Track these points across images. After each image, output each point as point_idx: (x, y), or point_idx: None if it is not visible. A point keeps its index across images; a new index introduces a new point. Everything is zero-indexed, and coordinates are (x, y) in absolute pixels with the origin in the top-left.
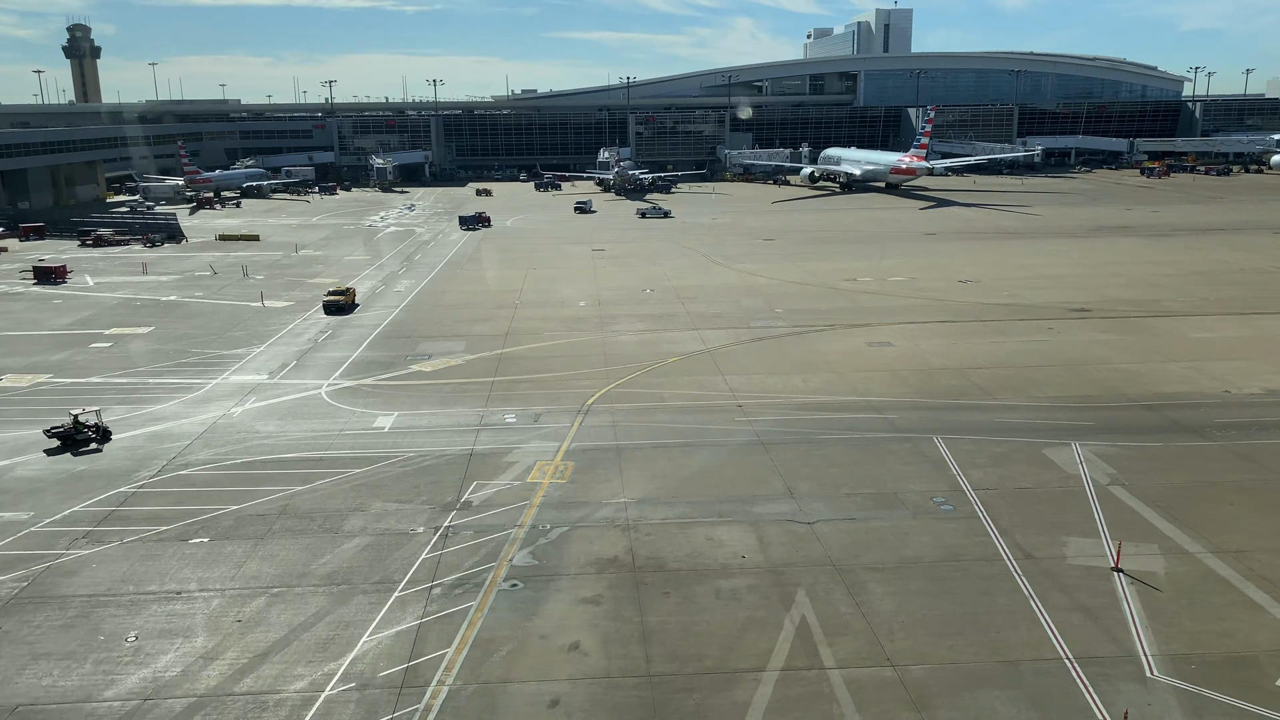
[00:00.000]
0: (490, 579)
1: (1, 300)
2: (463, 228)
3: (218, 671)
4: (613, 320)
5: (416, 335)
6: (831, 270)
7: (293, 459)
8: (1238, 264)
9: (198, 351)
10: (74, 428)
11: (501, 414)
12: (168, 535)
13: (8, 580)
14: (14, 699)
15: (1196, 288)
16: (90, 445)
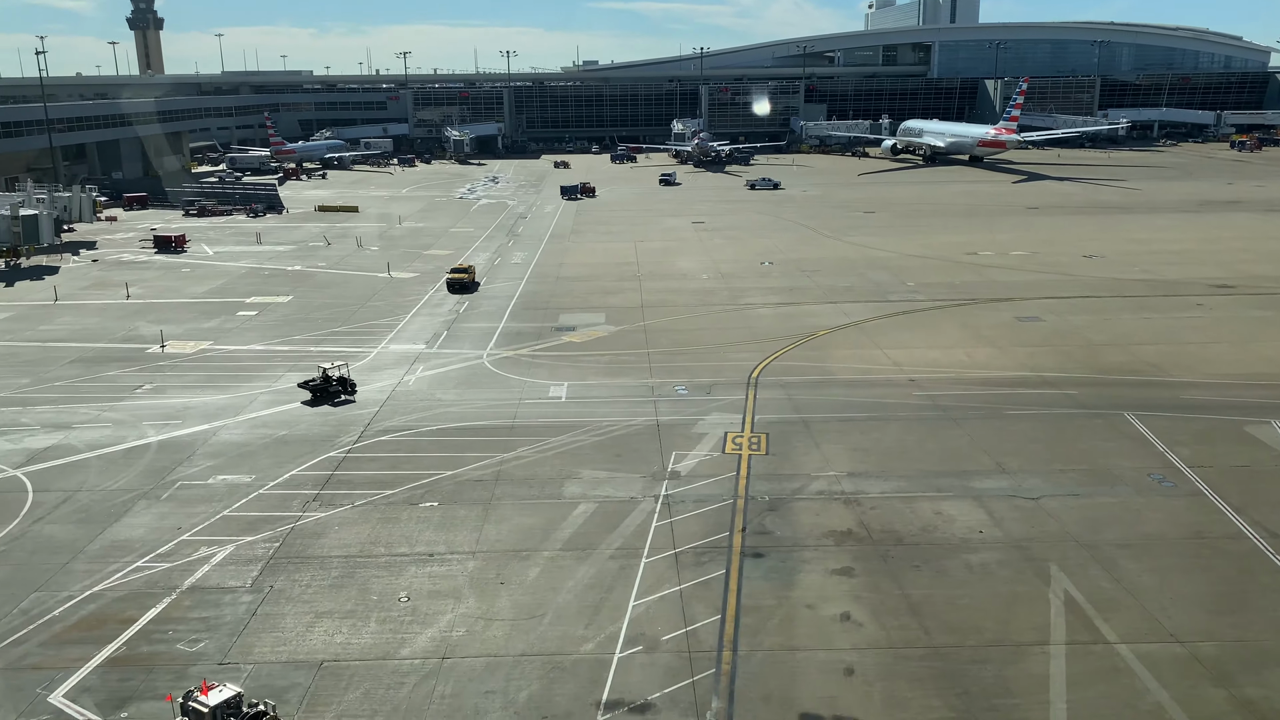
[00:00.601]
0: (731, 548)
1: (133, 269)
2: (564, 197)
3: (501, 633)
4: (743, 293)
5: (552, 307)
6: (947, 244)
7: (486, 426)
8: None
9: (345, 320)
10: (323, 381)
11: (670, 385)
12: (396, 499)
13: (260, 540)
14: (315, 655)
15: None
16: (342, 397)
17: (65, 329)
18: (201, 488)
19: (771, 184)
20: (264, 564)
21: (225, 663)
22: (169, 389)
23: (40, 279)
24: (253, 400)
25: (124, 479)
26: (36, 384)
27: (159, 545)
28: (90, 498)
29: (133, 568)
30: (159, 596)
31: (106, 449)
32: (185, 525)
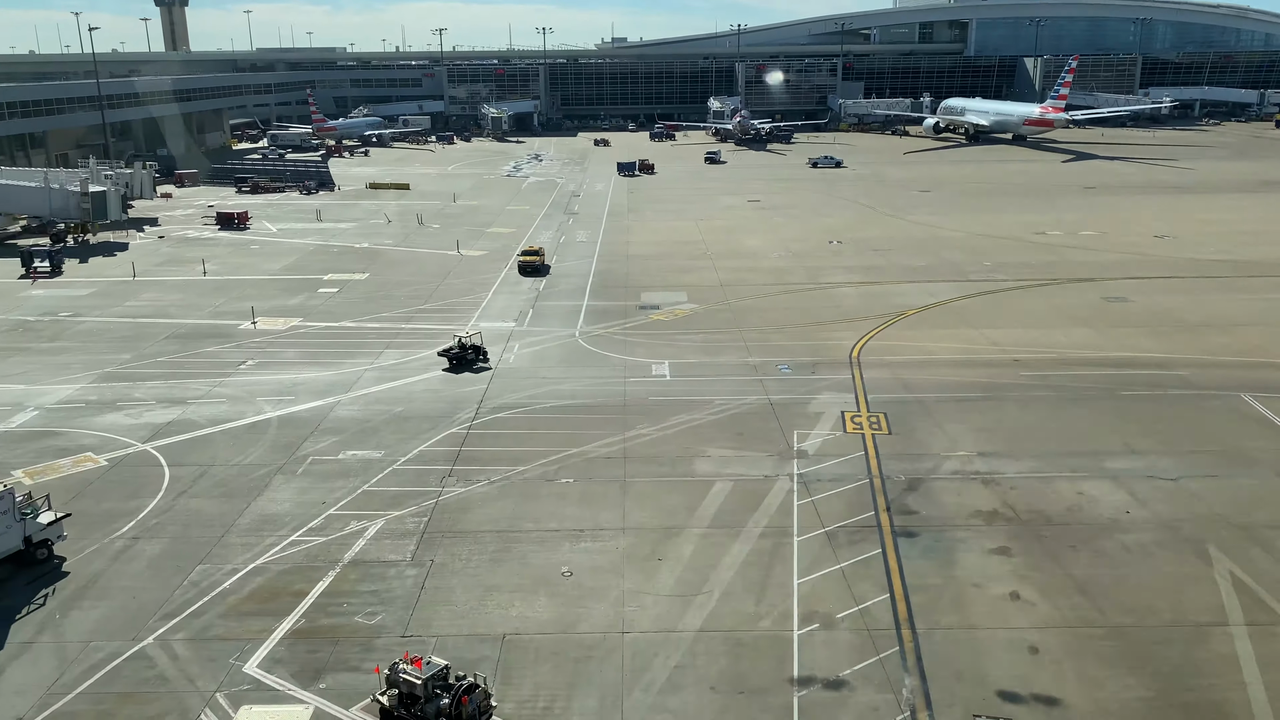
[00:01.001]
0: (881, 527)
1: (201, 245)
2: (620, 174)
3: (672, 609)
4: (819, 272)
5: (630, 285)
6: (1012, 223)
7: (598, 404)
8: None
9: (427, 298)
10: (460, 349)
11: (771, 364)
12: (530, 476)
13: (407, 515)
14: (495, 628)
15: None
16: (477, 364)
17: (150, 305)
18: (334, 463)
19: (834, 162)
20: (418, 538)
21: (408, 635)
22: (271, 365)
23: (113, 255)
24: (359, 377)
25: (254, 454)
26: (139, 359)
27: (308, 519)
28: (226, 472)
29: (288, 541)
30: (323, 570)
31: (228, 424)
32: (329, 500)
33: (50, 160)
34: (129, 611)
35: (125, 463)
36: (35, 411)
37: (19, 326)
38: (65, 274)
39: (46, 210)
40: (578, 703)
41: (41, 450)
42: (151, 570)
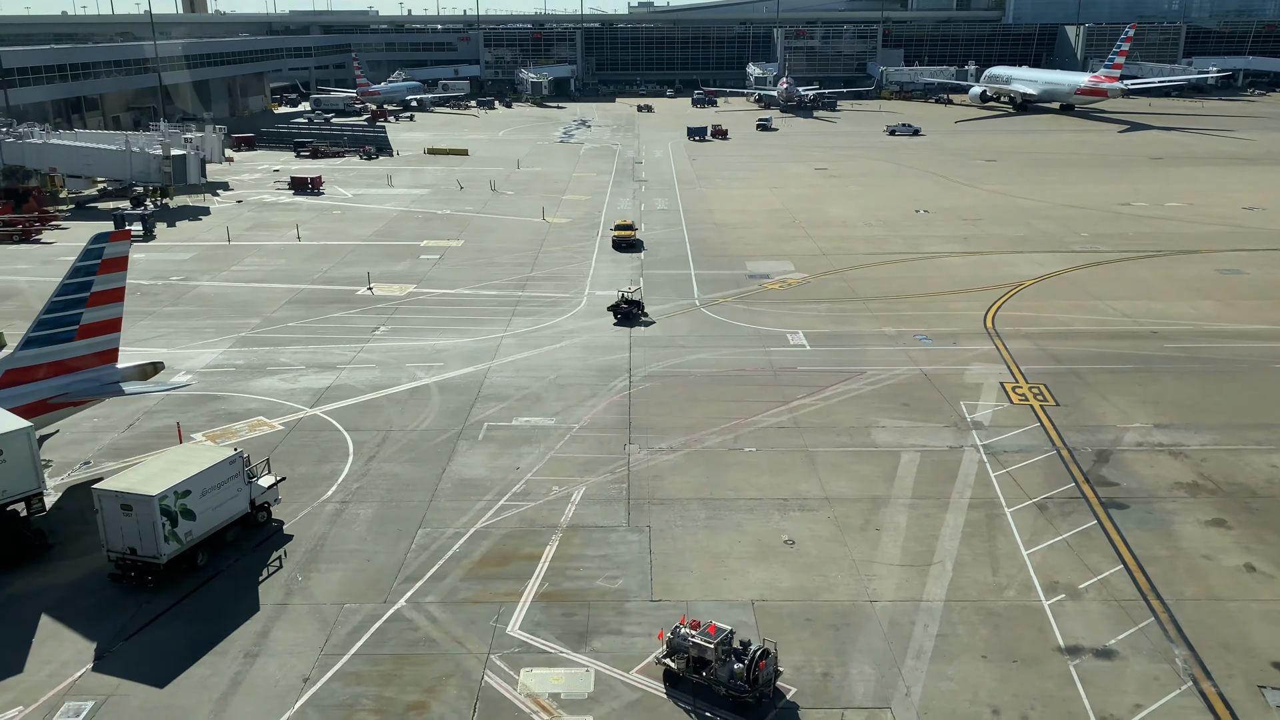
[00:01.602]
0: (1087, 499)
1: (282, 210)
2: (690, 138)
3: (911, 578)
4: (918, 241)
5: (731, 255)
6: (1091, 194)
7: (749, 373)
8: None
9: (530, 265)
10: (625, 304)
11: (907, 334)
12: (710, 445)
13: (604, 482)
14: (741, 595)
15: None
16: (639, 320)
17: (257, 270)
18: (511, 429)
19: (911, 130)
20: (625, 505)
21: (657, 600)
22: (405, 331)
23: (197, 219)
24: (499, 344)
25: (427, 420)
26: (268, 325)
27: (508, 485)
28: (406, 437)
29: (497, 506)
30: (545, 534)
31: (389, 389)
32: (521, 465)
33: (106, 123)
34: (369, 574)
35: (300, 427)
36: (188, 375)
37: (135, 290)
38: (157, 238)
39: (127, 174)
40: (855, 669)
41: (211, 414)
42: (374, 533)
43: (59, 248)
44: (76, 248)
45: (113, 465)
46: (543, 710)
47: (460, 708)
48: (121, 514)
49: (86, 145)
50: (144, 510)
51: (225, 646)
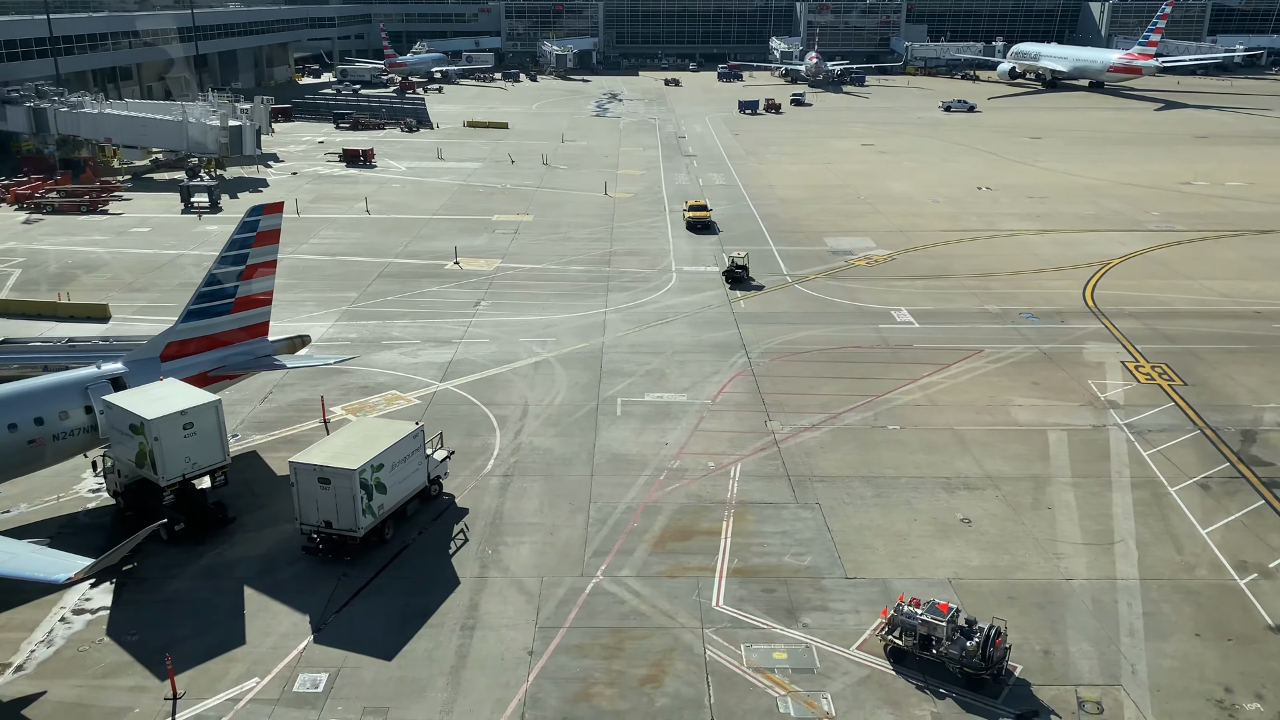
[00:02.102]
0: (1245, 477)
1: (340, 182)
2: (741, 111)
3: (1098, 557)
4: (991, 219)
5: (806, 230)
6: (1149, 172)
7: (862, 350)
8: None
9: (607, 240)
10: (736, 268)
11: (1011, 312)
12: (850, 421)
13: (757, 458)
14: (936, 572)
15: None
16: (750, 284)
17: (338, 243)
18: (646, 404)
19: (967, 106)
20: (788, 482)
21: (852, 577)
22: (506, 306)
23: (258, 191)
24: (604, 319)
25: (559, 395)
26: (367, 299)
27: (664, 460)
28: (545, 411)
29: (660, 481)
30: (718, 510)
31: (511, 364)
32: (670, 441)
33: (142, 93)
34: (556, 548)
35: (436, 401)
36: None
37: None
38: (223, 210)
39: (184, 145)
40: (1074, 647)
41: (343, 388)
42: (548, 507)
43: (128, 219)
44: (145, 219)
45: (260, 438)
46: (777, 685)
47: (694, 682)
48: (319, 487)
49: (143, 115)
50: (344, 484)
51: (438, 619)
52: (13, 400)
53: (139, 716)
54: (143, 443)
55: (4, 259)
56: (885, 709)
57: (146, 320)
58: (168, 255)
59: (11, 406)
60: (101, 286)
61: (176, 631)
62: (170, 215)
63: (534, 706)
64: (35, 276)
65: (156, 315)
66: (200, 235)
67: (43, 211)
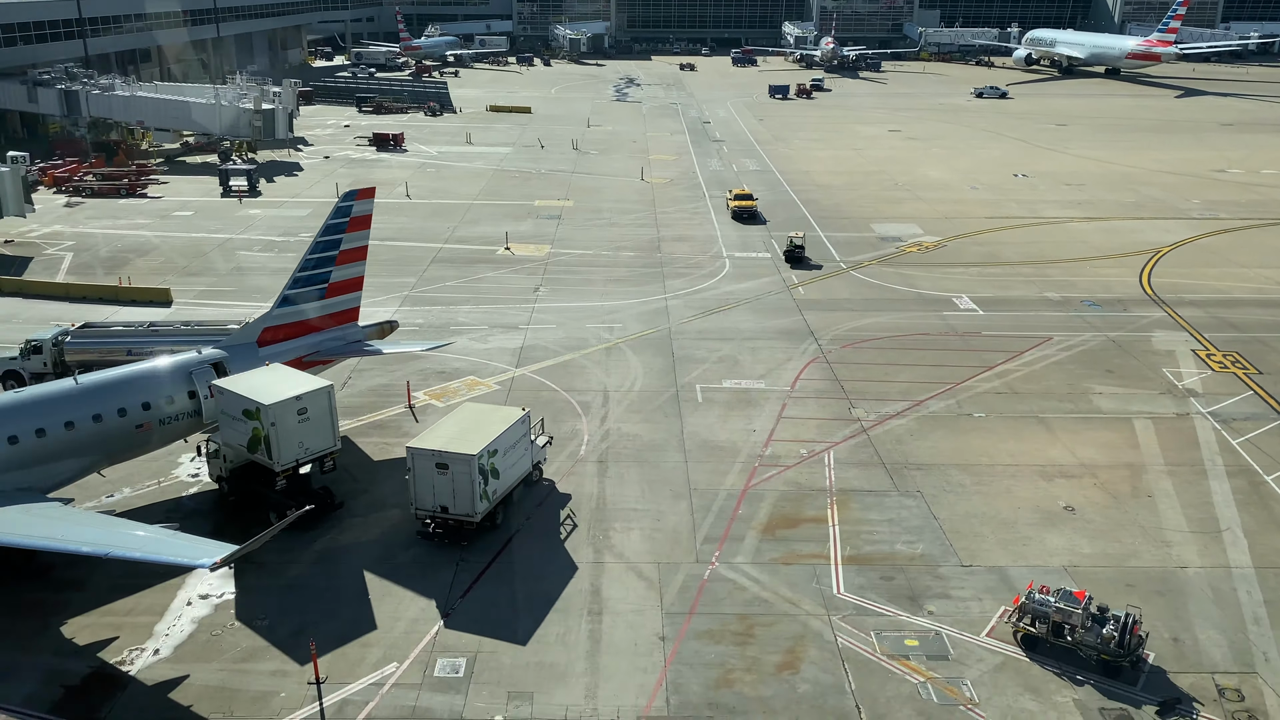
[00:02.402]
0: None
1: (374, 167)
2: (771, 96)
3: (1208, 546)
4: (1034, 206)
5: (851, 217)
6: (1182, 160)
7: (940, 338)
8: None
9: (653, 225)
10: (795, 248)
11: (1071, 300)
12: (935, 410)
13: (850, 445)
14: (1049, 560)
15: None
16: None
17: (386, 227)
18: (726, 391)
19: (1000, 93)
20: (884, 470)
21: (968, 565)
22: (565, 292)
23: (293, 174)
24: (666, 305)
25: (637, 381)
26: (426, 284)
27: (755, 447)
28: (627, 397)
29: (754, 468)
30: (820, 498)
31: (582, 350)
32: (757, 429)
33: (162, 75)
34: (666, 534)
35: (516, 386)
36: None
37: (272, 246)
38: (263, 193)
39: (216, 127)
40: (1202, 635)
41: (421, 373)
42: (650, 493)
43: (168, 202)
44: (186, 202)
45: (347, 423)
46: (915, 672)
47: (831, 668)
48: (435, 473)
49: (176, 98)
50: (462, 469)
51: (564, 605)
52: (122, 385)
53: (285, 701)
54: (257, 428)
55: (52, 242)
56: (1026, 695)
57: (209, 305)
58: (215, 239)
59: (121, 391)
60: (155, 270)
61: (304, 616)
62: (210, 199)
63: (676, 692)
64: (88, 260)
65: (216, 300)
66: (244, 219)
67: (81, 195)
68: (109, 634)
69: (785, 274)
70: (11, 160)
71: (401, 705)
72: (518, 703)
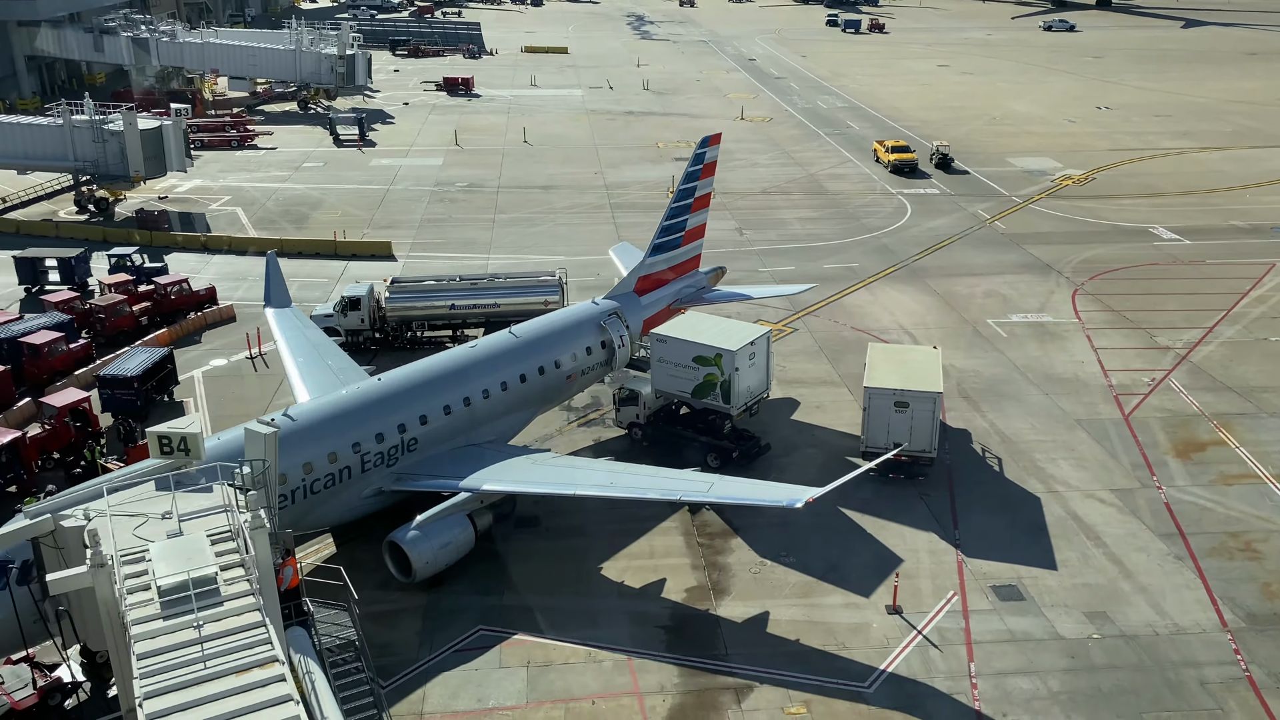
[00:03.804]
0: None
1: (466, 112)
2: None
3: None
4: (1145, 138)
5: (979, 153)
6: (1243, 90)
7: (1170, 268)
8: None
9: (795, 165)
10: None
11: (1262, 226)
12: (1234, 336)
13: (1186, 371)
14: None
15: None
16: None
17: (539, 174)
18: (1019, 325)
19: (1067, 26)
20: (1234, 393)
21: None
22: (767, 234)
23: (388, 121)
24: (885, 243)
25: (924, 316)
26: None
27: (1094, 378)
28: (940, 332)
29: (1117, 397)
30: (1200, 423)
31: (841, 286)
32: (1084, 360)
33: (180, 17)
34: (1092, 462)
35: (805, 326)
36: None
37: (434, 196)
38: (376, 143)
39: (295, 74)
40: None
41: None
42: (1040, 424)
43: (289, 154)
44: (305, 153)
45: None
46: None
47: None
48: (894, 411)
49: (253, 45)
50: (924, 407)
51: (1058, 530)
52: (554, 337)
53: (878, 630)
54: (712, 374)
55: (208, 197)
56: None
57: (426, 258)
58: (374, 190)
59: (553, 344)
60: (338, 223)
61: (824, 553)
62: (327, 148)
63: (1233, 606)
64: (263, 215)
65: (433, 253)
66: (383, 170)
67: (195, 148)
68: (652, 576)
69: (971, 208)
70: (176, 113)
71: (995, 630)
72: (1099, 622)
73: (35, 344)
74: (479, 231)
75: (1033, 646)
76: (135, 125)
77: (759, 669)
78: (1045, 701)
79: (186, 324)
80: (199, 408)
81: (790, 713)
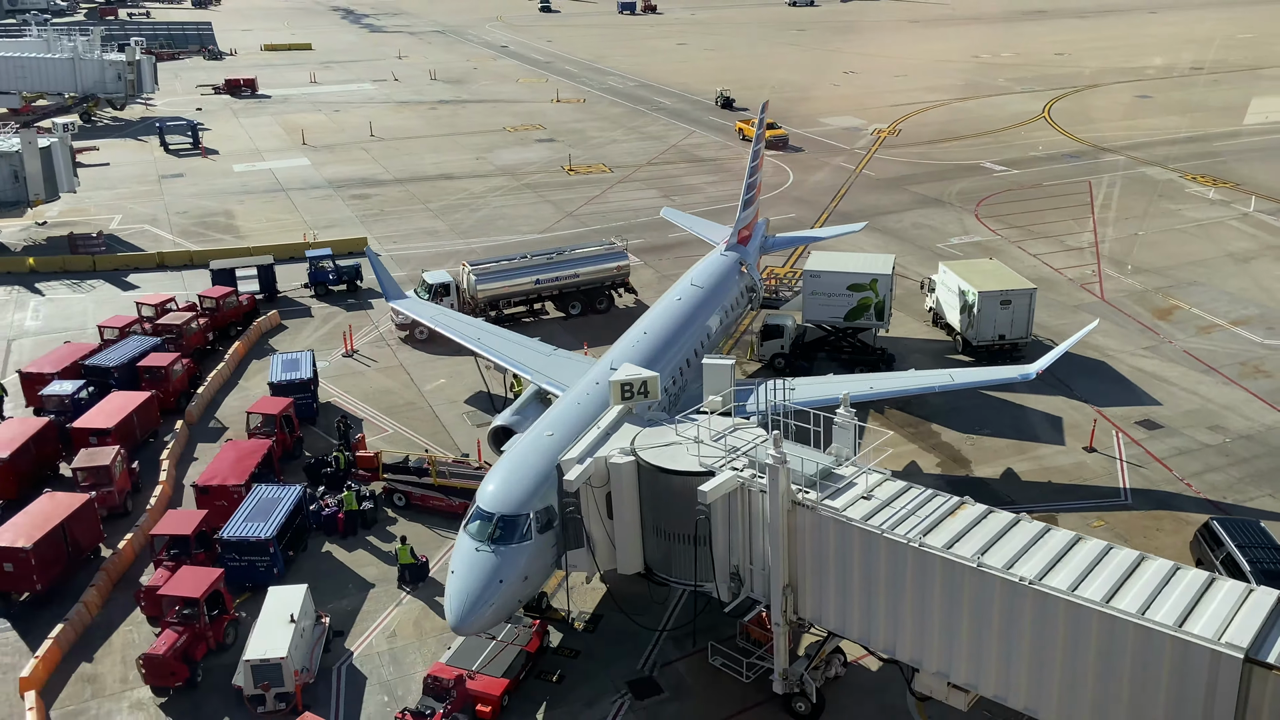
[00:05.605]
0: None
1: (276, 111)
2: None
3: None
4: (905, 94)
5: (785, 117)
6: (929, 51)
7: (1035, 189)
8: None
9: (658, 142)
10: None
11: (1037, 156)
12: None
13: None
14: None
15: None
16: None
17: (427, 164)
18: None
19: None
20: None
21: None
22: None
23: (202, 129)
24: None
25: None
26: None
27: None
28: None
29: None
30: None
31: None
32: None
33: None
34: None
35: None
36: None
37: (341, 194)
38: (218, 150)
39: (76, 86)
40: None
41: None
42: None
43: (132, 169)
44: (145, 165)
45: None
46: None
47: None
48: (999, 308)
49: (20, 55)
50: (1023, 301)
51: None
52: (721, 286)
53: (1093, 464)
54: (865, 297)
55: (95, 219)
56: None
57: (402, 250)
58: (276, 195)
59: (725, 291)
60: (264, 231)
61: (1005, 425)
62: (170, 158)
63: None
64: (184, 229)
65: (401, 245)
66: (254, 175)
67: None
68: (901, 464)
69: (833, 162)
70: (63, 129)
71: (1164, 447)
72: (1220, 432)
73: (158, 366)
74: (429, 221)
75: (1198, 452)
76: (35, 145)
77: (1043, 506)
78: (1241, 483)
79: (251, 334)
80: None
81: (1094, 525)
